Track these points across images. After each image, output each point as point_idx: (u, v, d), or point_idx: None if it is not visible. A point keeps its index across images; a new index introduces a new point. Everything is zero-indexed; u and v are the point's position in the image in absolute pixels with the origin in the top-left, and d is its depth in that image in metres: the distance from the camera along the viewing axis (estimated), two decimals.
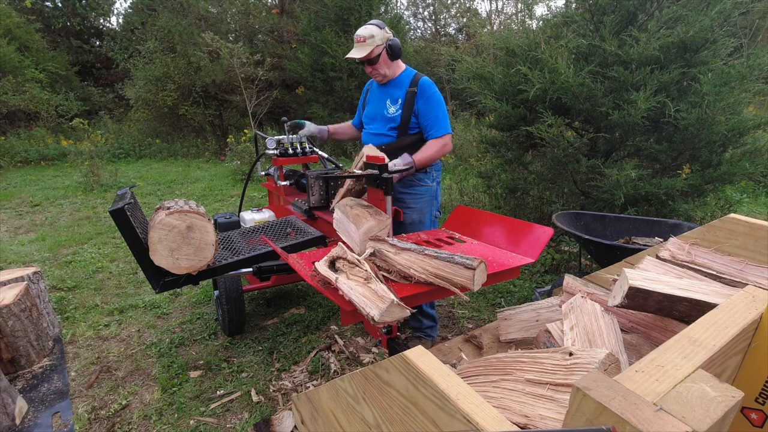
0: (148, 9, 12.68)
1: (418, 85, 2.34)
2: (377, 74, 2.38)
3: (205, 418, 2.07)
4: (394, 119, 2.39)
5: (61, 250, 4.41)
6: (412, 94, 2.34)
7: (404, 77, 2.40)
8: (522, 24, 12.01)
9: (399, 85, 2.39)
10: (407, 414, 0.86)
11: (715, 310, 0.90)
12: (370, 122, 2.54)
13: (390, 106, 2.41)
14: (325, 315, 3.00)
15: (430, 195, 2.45)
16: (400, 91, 2.38)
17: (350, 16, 9.38)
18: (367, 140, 2.55)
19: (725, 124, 3.07)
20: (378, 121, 2.47)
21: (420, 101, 2.33)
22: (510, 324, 1.40)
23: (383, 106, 2.44)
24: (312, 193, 2.52)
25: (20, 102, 10.80)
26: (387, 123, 2.42)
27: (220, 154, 10.45)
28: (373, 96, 2.54)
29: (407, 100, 2.34)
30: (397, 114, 2.37)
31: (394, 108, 2.38)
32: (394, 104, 2.39)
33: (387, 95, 2.43)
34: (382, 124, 2.45)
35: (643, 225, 2.74)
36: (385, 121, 2.43)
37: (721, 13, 3.07)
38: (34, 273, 2.68)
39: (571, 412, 0.67)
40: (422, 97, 2.33)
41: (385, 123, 2.43)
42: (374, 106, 2.51)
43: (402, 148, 2.36)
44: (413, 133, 2.39)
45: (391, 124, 2.40)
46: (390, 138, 2.42)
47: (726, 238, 1.40)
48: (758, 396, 0.87)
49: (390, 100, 2.41)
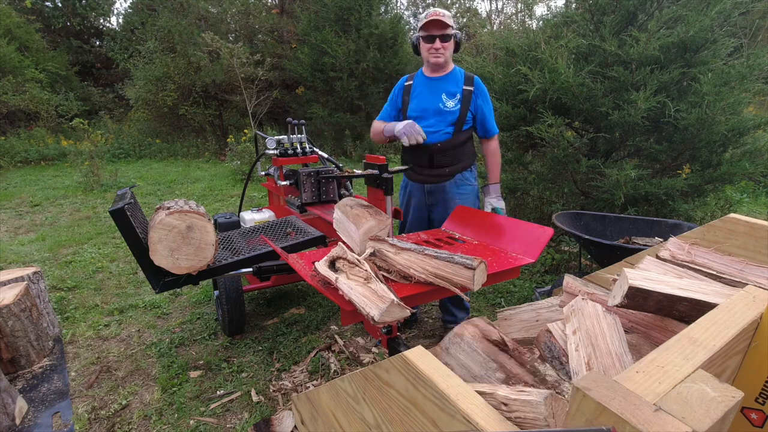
0: (148, 9, 12.68)
1: (474, 84, 2.33)
2: (441, 54, 2.27)
3: (205, 418, 2.07)
4: (453, 113, 2.31)
5: (61, 250, 4.41)
6: (469, 92, 2.32)
7: (458, 73, 2.37)
8: (522, 24, 12.02)
9: (454, 80, 2.34)
10: (407, 414, 0.86)
11: (715, 310, 0.90)
12: (420, 118, 2.38)
13: (447, 100, 2.32)
14: (325, 315, 3.00)
15: (475, 193, 2.47)
16: (456, 86, 2.33)
17: (350, 16, 9.38)
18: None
19: (725, 124, 3.07)
20: (432, 116, 2.35)
21: (479, 99, 2.33)
22: (510, 324, 1.40)
23: (437, 99, 2.33)
24: (304, 190, 2.59)
25: (20, 102, 10.81)
26: (444, 117, 2.33)
27: (220, 154, 10.45)
28: (420, 90, 2.40)
29: (465, 97, 2.31)
30: (456, 108, 2.30)
31: (453, 102, 2.31)
32: (451, 98, 2.32)
33: (441, 89, 2.34)
34: (438, 119, 2.34)
35: (643, 225, 2.74)
36: (442, 115, 2.33)
37: (721, 13, 3.07)
38: (34, 273, 2.68)
39: (571, 413, 0.67)
40: (480, 95, 2.34)
41: (441, 118, 2.33)
42: (425, 100, 2.37)
43: (457, 146, 2.35)
44: (466, 129, 2.37)
45: (450, 118, 2.32)
46: (448, 135, 2.34)
47: (726, 238, 1.40)
48: (758, 396, 0.87)
49: (446, 93, 2.33)
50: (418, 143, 2.24)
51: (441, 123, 2.34)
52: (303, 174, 2.57)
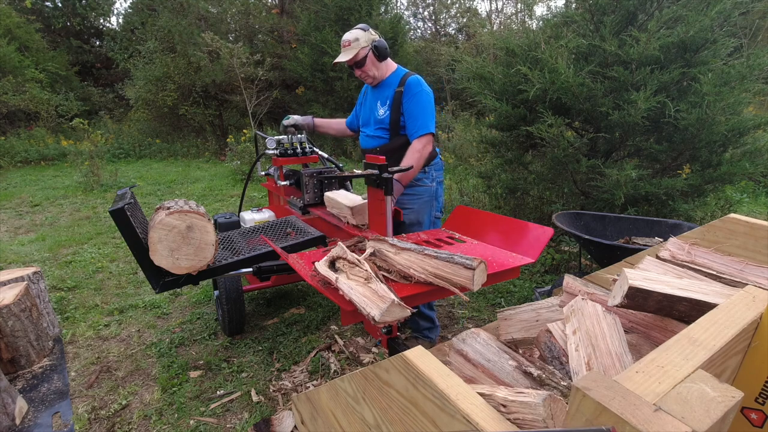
0: (148, 9, 12.69)
1: (405, 84, 2.31)
2: (366, 76, 2.38)
3: (205, 418, 2.07)
4: (383, 121, 2.39)
5: (61, 250, 4.41)
6: (399, 93, 2.32)
7: (393, 78, 2.39)
8: (522, 24, 12.02)
9: (388, 86, 2.39)
10: (407, 414, 0.86)
11: (715, 310, 0.90)
12: (365, 125, 2.56)
13: (380, 107, 2.41)
14: (325, 315, 3.00)
15: (429, 195, 2.44)
16: (389, 91, 2.37)
17: (350, 16, 9.38)
18: (363, 143, 2.57)
19: (725, 124, 3.07)
20: (370, 124, 2.49)
21: (404, 100, 2.31)
22: (510, 324, 1.40)
23: (374, 108, 2.45)
24: (306, 191, 2.58)
25: (20, 102, 10.81)
26: (377, 125, 2.43)
27: (220, 154, 10.45)
28: (366, 98, 2.56)
29: (395, 100, 2.33)
30: (386, 115, 2.37)
31: (383, 110, 2.38)
32: (383, 105, 2.39)
33: (377, 97, 2.44)
34: (373, 127, 2.47)
35: (643, 225, 2.74)
36: (376, 122, 2.44)
37: (721, 13, 3.07)
38: (34, 273, 2.68)
39: (571, 413, 0.67)
40: (407, 95, 2.30)
41: (375, 125, 2.44)
42: (367, 109, 2.53)
43: (395, 150, 2.36)
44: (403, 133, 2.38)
45: (381, 125, 2.41)
46: (382, 140, 2.43)
47: (726, 238, 1.40)
48: (758, 396, 0.87)
49: (380, 101, 2.41)
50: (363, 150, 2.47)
51: (378, 129, 2.44)
52: (305, 175, 2.57)
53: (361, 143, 2.60)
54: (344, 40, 2.32)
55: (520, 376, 0.99)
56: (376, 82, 2.42)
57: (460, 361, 1.11)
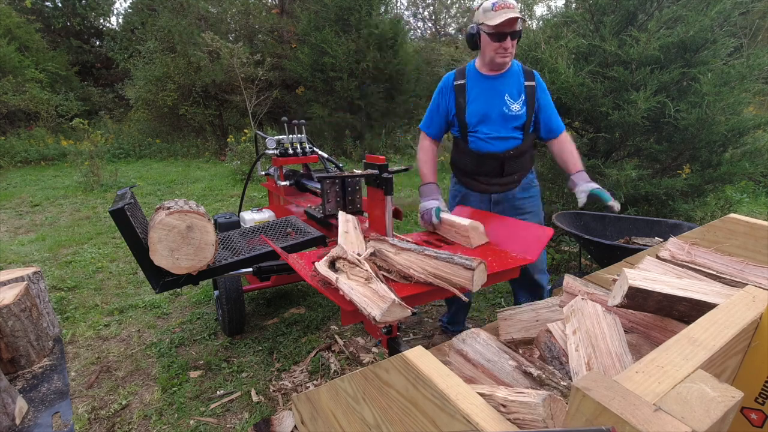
0: (148, 9, 12.68)
1: (535, 78, 2.08)
2: (509, 54, 1.97)
3: (205, 418, 2.07)
4: (519, 117, 2.05)
5: (61, 250, 4.41)
6: (532, 88, 2.05)
7: (516, 68, 2.10)
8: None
9: (514, 77, 2.06)
10: (407, 414, 0.86)
11: (715, 310, 0.90)
12: (482, 124, 2.09)
13: (512, 102, 2.05)
14: (325, 315, 3.00)
15: (539, 194, 2.33)
16: (517, 84, 2.05)
17: (350, 16, 9.38)
18: (483, 146, 2.12)
19: (725, 124, 3.07)
20: (495, 122, 2.07)
21: (540, 95, 2.07)
22: (510, 324, 1.40)
23: (501, 102, 2.05)
24: (328, 200, 2.22)
25: (20, 102, 10.81)
26: (509, 122, 2.07)
27: (220, 154, 10.45)
28: (478, 91, 2.08)
29: (528, 95, 2.05)
30: (522, 111, 2.05)
31: (518, 105, 2.05)
32: (516, 100, 2.05)
33: (504, 89, 2.05)
34: (502, 125, 2.07)
35: (643, 225, 2.74)
36: (507, 120, 2.06)
37: (721, 13, 3.07)
38: (34, 273, 2.68)
39: (571, 413, 0.67)
40: (540, 88, 2.08)
41: (506, 122, 2.07)
42: (485, 104, 2.07)
43: (526, 151, 2.14)
44: (533, 131, 2.16)
45: (515, 123, 2.07)
46: (517, 141, 2.09)
47: (726, 238, 1.40)
48: (758, 396, 0.87)
49: (509, 94, 2.05)
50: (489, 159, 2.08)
51: (507, 128, 2.08)
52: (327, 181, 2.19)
53: (480, 147, 2.12)
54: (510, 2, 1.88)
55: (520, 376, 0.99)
56: (505, 68, 2.05)
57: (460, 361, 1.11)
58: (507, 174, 2.16)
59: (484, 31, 1.94)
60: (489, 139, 2.09)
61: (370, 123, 10.15)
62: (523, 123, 2.06)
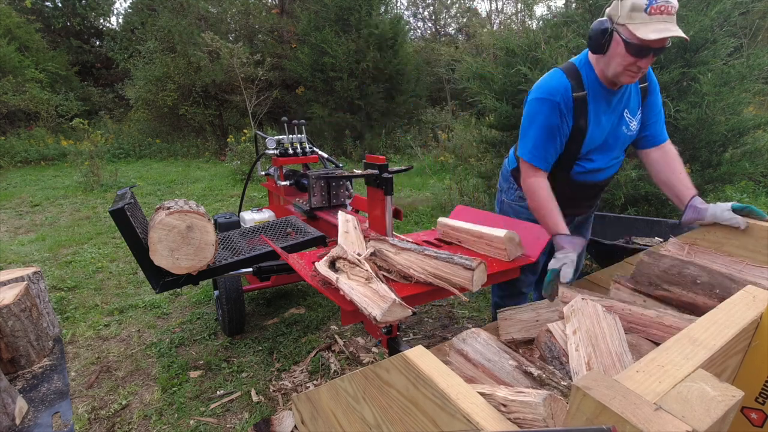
0: (148, 9, 12.69)
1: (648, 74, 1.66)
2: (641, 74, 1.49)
3: (205, 418, 2.07)
4: (633, 135, 1.68)
5: (61, 250, 4.41)
6: (645, 91, 1.65)
7: None
8: (522, 24, 12.02)
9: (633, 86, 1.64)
10: (407, 414, 0.86)
11: (715, 310, 0.90)
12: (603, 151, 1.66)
13: (631, 119, 1.64)
14: (325, 315, 3.00)
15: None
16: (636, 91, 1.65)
17: (350, 16, 9.38)
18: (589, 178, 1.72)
19: (725, 124, 3.07)
20: (611, 148, 1.66)
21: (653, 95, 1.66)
22: (510, 324, 1.40)
23: (620, 122, 1.62)
24: (313, 194, 2.50)
25: (20, 102, 10.81)
26: (624, 145, 1.70)
27: (220, 154, 10.45)
28: (600, 109, 1.58)
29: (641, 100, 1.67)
30: (637, 129, 1.67)
31: (636, 122, 1.65)
32: (634, 116, 1.64)
33: (623, 104, 1.61)
34: (616, 149, 1.68)
35: (643, 225, 2.74)
36: (623, 142, 1.68)
37: (721, 13, 3.07)
38: (34, 273, 2.68)
39: (572, 412, 0.67)
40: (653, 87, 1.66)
41: (620, 146, 1.69)
42: (609, 125, 1.62)
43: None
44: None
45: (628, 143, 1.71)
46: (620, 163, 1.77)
47: (726, 238, 1.40)
48: (758, 396, 0.87)
49: (629, 110, 1.63)
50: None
51: (618, 151, 1.70)
52: (312, 177, 2.46)
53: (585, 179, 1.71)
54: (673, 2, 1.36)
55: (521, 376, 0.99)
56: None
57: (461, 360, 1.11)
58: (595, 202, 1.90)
59: (624, 37, 1.40)
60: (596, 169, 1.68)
61: (370, 123, 10.15)
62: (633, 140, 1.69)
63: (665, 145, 1.68)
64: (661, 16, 1.33)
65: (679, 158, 1.66)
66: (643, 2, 1.34)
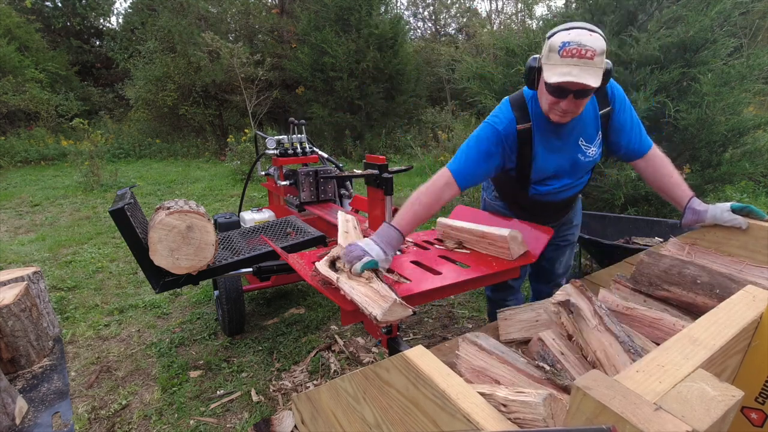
0: (148, 9, 12.69)
1: (610, 96, 1.61)
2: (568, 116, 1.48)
3: (205, 418, 2.07)
4: (594, 160, 1.67)
5: (61, 250, 4.41)
6: (607, 117, 1.62)
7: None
8: (522, 24, 12.02)
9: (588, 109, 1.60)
10: (407, 414, 0.86)
11: (715, 310, 0.90)
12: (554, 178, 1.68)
13: (588, 147, 1.63)
14: (325, 315, 3.00)
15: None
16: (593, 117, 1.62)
17: (350, 16, 9.39)
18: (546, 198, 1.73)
19: (725, 124, 3.07)
20: (566, 174, 1.68)
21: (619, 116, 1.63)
22: (510, 324, 1.40)
23: (574, 149, 1.62)
24: (303, 189, 2.62)
25: (20, 102, 10.81)
26: (582, 170, 1.69)
27: (220, 154, 10.45)
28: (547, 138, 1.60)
29: (603, 128, 1.63)
30: (597, 154, 1.66)
31: (594, 148, 1.64)
32: (592, 143, 1.63)
33: (577, 132, 1.61)
34: (573, 174, 1.69)
35: (643, 225, 2.74)
36: (580, 168, 1.67)
37: (721, 13, 3.07)
38: (34, 273, 2.67)
39: (572, 411, 0.67)
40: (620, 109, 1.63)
41: (578, 171, 1.68)
42: (559, 157, 1.63)
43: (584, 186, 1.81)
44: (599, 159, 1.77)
45: (587, 167, 1.69)
46: (582, 185, 1.78)
47: (726, 238, 1.40)
48: (758, 395, 0.87)
49: (584, 138, 1.62)
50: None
51: (576, 177, 1.70)
52: (302, 173, 2.60)
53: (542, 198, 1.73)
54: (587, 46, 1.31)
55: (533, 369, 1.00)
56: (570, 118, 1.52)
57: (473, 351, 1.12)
58: (564, 215, 1.92)
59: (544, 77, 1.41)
60: (553, 192, 1.71)
61: (370, 123, 10.15)
62: (594, 164, 1.70)
63: (650, 153, 1.68)
64: (572, 59, 1.32)
65: (667, 161, 1.67)
66: (557, 43, 1.34)
